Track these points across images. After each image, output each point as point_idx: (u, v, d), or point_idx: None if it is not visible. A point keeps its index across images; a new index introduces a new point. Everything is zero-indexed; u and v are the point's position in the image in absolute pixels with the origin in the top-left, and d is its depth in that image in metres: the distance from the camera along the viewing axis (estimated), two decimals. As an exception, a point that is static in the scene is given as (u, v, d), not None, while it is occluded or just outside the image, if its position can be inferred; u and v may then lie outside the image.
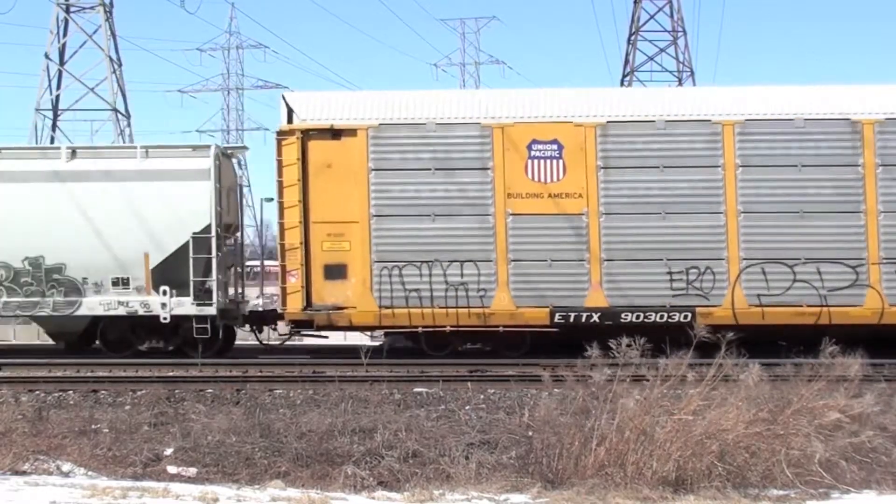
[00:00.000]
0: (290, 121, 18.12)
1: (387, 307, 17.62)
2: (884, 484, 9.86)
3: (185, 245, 17.98)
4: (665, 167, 17.59)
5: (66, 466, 10.59)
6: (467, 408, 13.68)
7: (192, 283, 17.97)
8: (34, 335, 27.43)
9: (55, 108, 43.40)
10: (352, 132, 17.80)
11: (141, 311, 18.04)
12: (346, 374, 15.84)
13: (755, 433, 9.83)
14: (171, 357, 18.13)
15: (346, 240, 17.73)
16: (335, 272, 17.71)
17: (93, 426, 12.61)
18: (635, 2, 49.92)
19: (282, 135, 17.98)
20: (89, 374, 16.58)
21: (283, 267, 17.86)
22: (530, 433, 10.90)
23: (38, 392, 14.91)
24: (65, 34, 42.70)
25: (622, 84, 48.53)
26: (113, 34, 42.78)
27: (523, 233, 17.65)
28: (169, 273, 18.04)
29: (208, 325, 17.91)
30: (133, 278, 18.02)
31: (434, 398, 14.36)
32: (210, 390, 14.97)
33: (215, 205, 18.09)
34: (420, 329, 17.65)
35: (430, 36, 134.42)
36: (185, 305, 17.99)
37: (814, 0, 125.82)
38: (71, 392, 14.97)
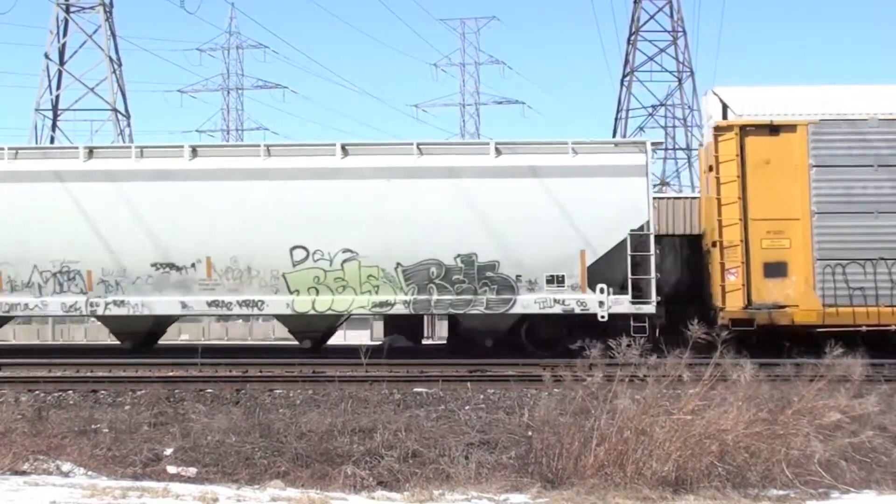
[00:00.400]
0: (724, 116, 18.06)
1: (830, 305, 17.50)
2: (883, 484, 9.87)
3: (622, 243, 17.83)
4: None
5: (65, 466, 10.59)
6: (467, 408, 13.68)
7: (629, 282, 17.85)
8: (34, 335, 27.53)
9: (55, 108, 43.44)
10: (791, 128, 17.70)
11: (577, 310, 17.94)
12: (346, 374, 15.84)
13: (755, 433, 9.83)
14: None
15: (786, 237, 17.61)
16: (775, 270, 17.62)
17: (93, 426, 12.60)
18: (635, 2, 50.00)
19: (719, 131, 17.88)
20: (89, 374, 16.58)
21: (722, 265, 17.75)
22: (530, 433, 10.90)
23: (37, 392, 14.91)
24: (65, 34, 42.75)
25: (622, 84, 48.57)
26: (113, 34, 42.85)
27: None
28: (602, 271, 17.90)
29: (646, 324, 17.71)
30: (568, 276, 17.91)
31: (434, 398, 14.35)
32: (210, 390, 14.96)
33: (650, 201, 18.07)
34: (864, 328, 17.38)
35: (430, 36, 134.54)
36: (623, 304, 17.86)
37: (814, 0, 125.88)
38: (71, 392, 14.97)
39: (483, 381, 15.47)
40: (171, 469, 10.84)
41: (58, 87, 42.70)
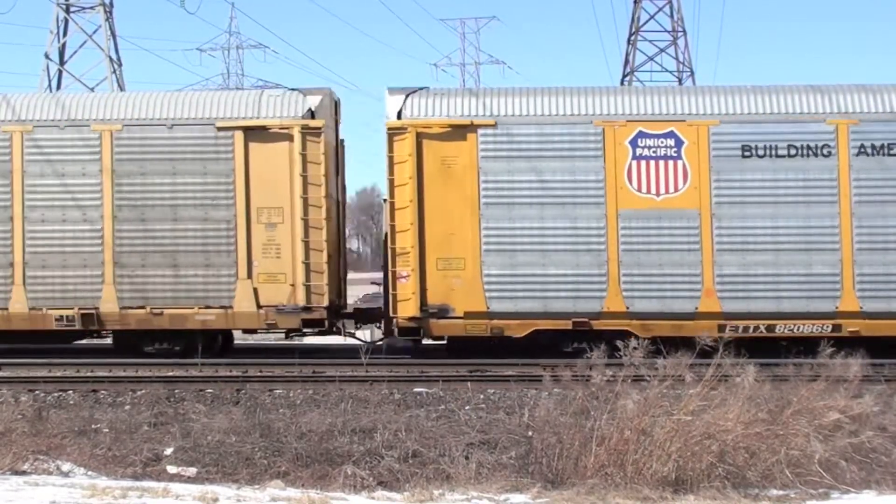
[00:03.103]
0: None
1: None
2: (883, 484, 9.87)
3: None
4: None
5: (65, 466, 10.59)
6: (467, 408, 13.68)
7: None
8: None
9: (55, 108, 43.34)
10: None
11: None
12: (346, 374, 15.84)
13: (755, 433, 9.84)
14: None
15: None
16: None
17: (93, 426, 12.61)
18: (635, 2, 49.98)
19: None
20: (89, 374, 16.57)
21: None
22: (530, 433, 10.91)
23: (37, 392, 14.91)
24: (65, 34, 42.71)
25: (622, 83, 48.54)
26: (113, 34, 42.80)
27: None
28: None
29: None
30: None
31: (434, 398, 14.36)
32: (210, 390, 14.97)
33: None
34: None
35: (430, 36, 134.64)
36: None
37: (814, 0, 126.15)
38: (71, 392, 14.97)
39: (483, 381, 15.47)
40: (171, 469, 10.84)
41: (58, 87, 42.63)
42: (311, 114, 17.68)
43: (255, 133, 17.57)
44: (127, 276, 17.64)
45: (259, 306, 17.51)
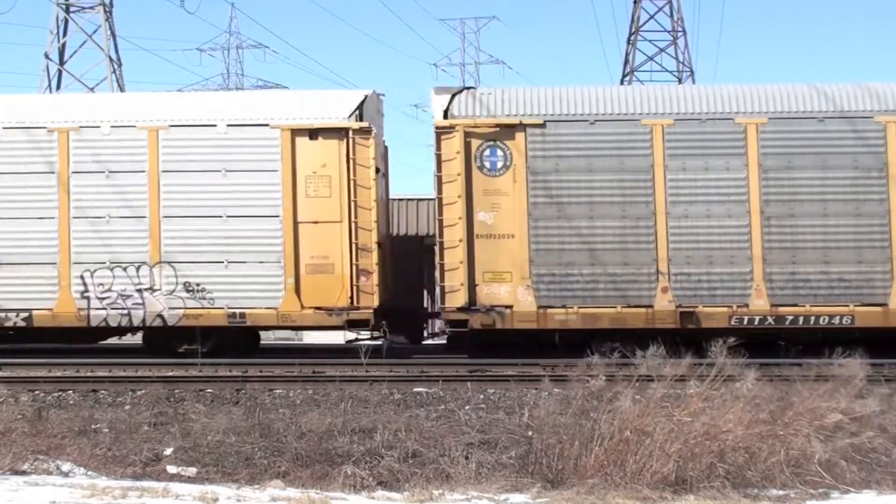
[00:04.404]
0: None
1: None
2: (883, 484, 9.87)
3: None
4: None
5: (65, 466, 10.59)
6: (467, 408, 13.68)
7: None
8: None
9: (55, 108, 43.33)
10: None
11: None
12: (346, 374, 15.84)
13: (755, 433, 9.83)
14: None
15: None
16: None
17: (93, 426, 12.61)
18: (635, 2, 49.91)
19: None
20: (89, 374, 16.57)
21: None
22: (530, 433, 10.91)
23: (37, 392, 14.91)
24: (65, 34, 42.69)
25: (622, 83, 48.55)
26: (113, 34, 42.77)
27: None
28: None
29: None
30: None
31: (434, 398, 14.36)
32: (210, 390, 14.97)
33: None
34: None
35: (430, 36, 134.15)
36: None
37: (814, 0, 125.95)
38: (71, 392, 14.97)
39: (483, 381, 15.47)
40: (171, 469, 10.84)
41: (58, 87, 42.61)
42: None
43: None
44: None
45: None
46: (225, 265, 17.49)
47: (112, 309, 17.65)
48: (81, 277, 17.62)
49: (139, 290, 17.61)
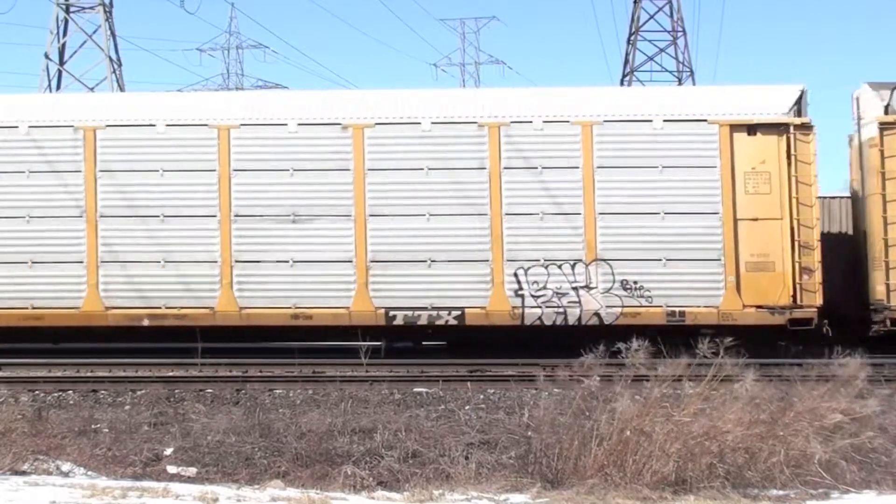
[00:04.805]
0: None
1: None
2: (883, 484, 9.87)
3: None
4: None
5: (65, 466, 10.59)
6: (467, 408, 13.69)
7: None
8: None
9: (55, 108, 43.30)
10: None
11: None
12: (346, 374, 15.84)
13: (755, 434, 9.83)
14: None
15: None
16: None
17: (93, 426, 12.62)
18: (635, 2, 49.91)
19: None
20: (89, 374, 16.58)
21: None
22: (530, 433, 10.90)
23: (37, 392, 14.91)
24: (65, 34, 42.71)
25: (622, 83, 48.54)
26: (113, 34, 42.79)
27: None
28: None
29: None
30: None
31: (434, 398, 14.36)
32: (210, 390, 14.97)
33: None
34: None
35: (430, 36, 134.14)
36: None
37: (814, 0, 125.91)
38: (71, 392, 14.98)
39: (483, 381, 15.47)
40: (171, 469, 10.84)
41: (58, 87, 42.60)
42: None
43: None
44: None
45: None
46: (663, 263, 17.17)
47: (547, 307, 17.29)
48: (515, 275, 17.30)
49: (574, 288, 17.35)
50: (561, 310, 17.20)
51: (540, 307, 17.23)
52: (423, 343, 18.66)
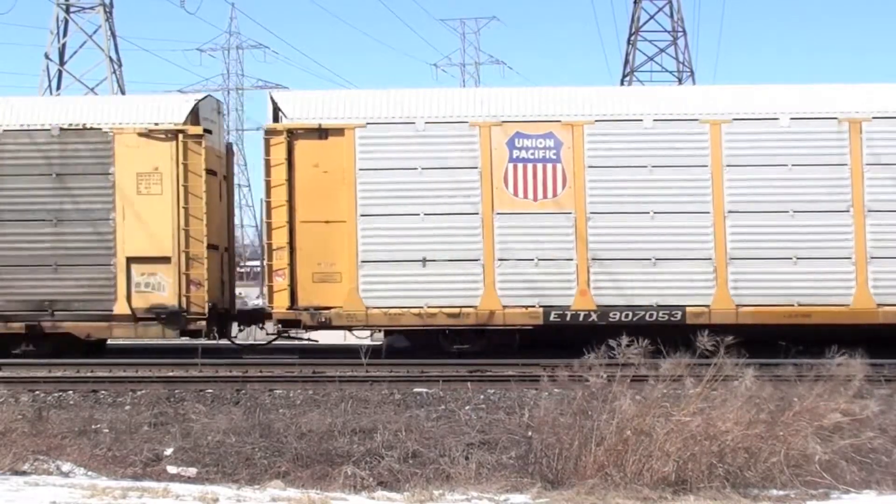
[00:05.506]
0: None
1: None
2: (883, 484, 9.87)
3: None
4: None
5: (65, 466, 10.59)
6: (467, 408, 13.69)
7: None
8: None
9: (55, 109, 43.28)
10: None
11: None
12: (346, 374, 15.84)
13: (755, 434, 9.83)
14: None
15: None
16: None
17: (93, 426, 12.62)
18: (635, 2, 50.00)
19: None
20: (89, 374, 16.57)
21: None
22: (530, 433, 10.91)
23: (37, 392, 14.91)
24: (65, 34, 42.75)
25: (622, 83, 48.54)
26: (113, 34, 42.85)
27: None
28: None
29: None
30: None
31: (434, 398, 14.36)
32: (210, 390, 14.97)
33: None
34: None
35: (430, 36, 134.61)
36: None
37: (814, 0, 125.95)
38: (71, 392, 14.97)
39: (483, 381, 15.46)
40: (172, 469, 10.85)
41: (58, 88, 42.64)
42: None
43: None
44: None
45: None
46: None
47: None
48: None
49: None
50: None
51: None
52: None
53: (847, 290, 17.10)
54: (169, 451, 11.41)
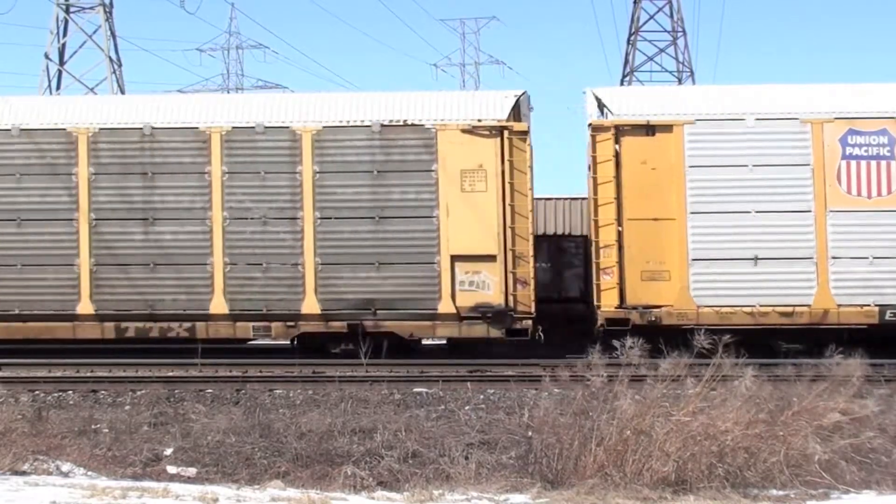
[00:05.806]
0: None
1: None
2: (883, 484, 9.87)
3: None
4: None
5: (65, 466, 10.59)
6: (467, 408, 13.69)
7: None
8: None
9: (55, 109, 43.28)
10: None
11: None
12: (345, 374, 15.84)
13: (755, 434, 9.83)
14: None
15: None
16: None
17: (92, 426, 12.62)
18: (635, 2, 49.91)
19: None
20: (89, 374, 16.58)
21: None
22: (530, 433, 10.91)
23: (37, 392, 14.91)
24: (65, 34, 42.71)
25: (622, 84, 48.56)
26: (113, 34, 42.79)
27: None
28: None
29: None
30: None
31: (434, 398, 14.36)
32: (210, 390, 14.97)
33: None
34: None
35: (430, 36, 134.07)
36: None
37: (814, 0, 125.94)
38: (71, 392, 14.98)
39: (483, 381, 15.47)
40: (171, 469, 10.85)
41: (58, 88, 42.61)
42: None
43: None
44: None
45: None
46: None
47: None
48: None
49: None
50: None
51: None
52: (423, 343, 18.61)
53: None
54: (169, 451, 11.41)
